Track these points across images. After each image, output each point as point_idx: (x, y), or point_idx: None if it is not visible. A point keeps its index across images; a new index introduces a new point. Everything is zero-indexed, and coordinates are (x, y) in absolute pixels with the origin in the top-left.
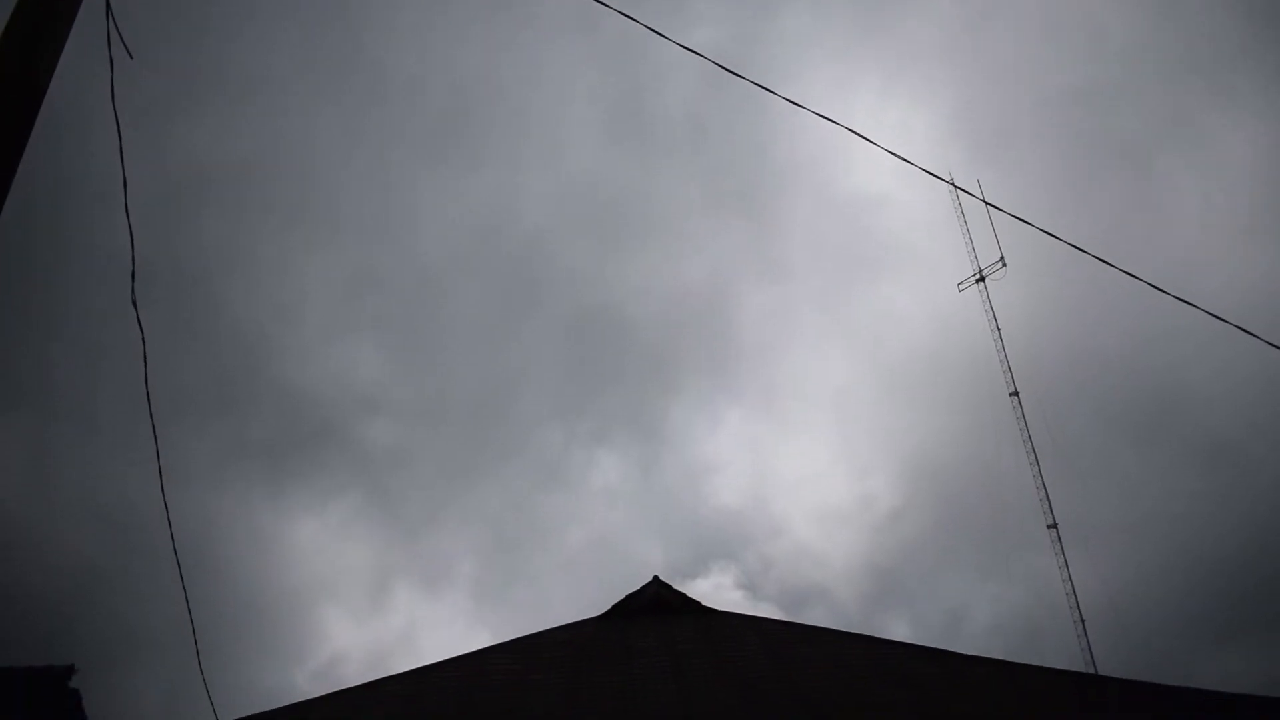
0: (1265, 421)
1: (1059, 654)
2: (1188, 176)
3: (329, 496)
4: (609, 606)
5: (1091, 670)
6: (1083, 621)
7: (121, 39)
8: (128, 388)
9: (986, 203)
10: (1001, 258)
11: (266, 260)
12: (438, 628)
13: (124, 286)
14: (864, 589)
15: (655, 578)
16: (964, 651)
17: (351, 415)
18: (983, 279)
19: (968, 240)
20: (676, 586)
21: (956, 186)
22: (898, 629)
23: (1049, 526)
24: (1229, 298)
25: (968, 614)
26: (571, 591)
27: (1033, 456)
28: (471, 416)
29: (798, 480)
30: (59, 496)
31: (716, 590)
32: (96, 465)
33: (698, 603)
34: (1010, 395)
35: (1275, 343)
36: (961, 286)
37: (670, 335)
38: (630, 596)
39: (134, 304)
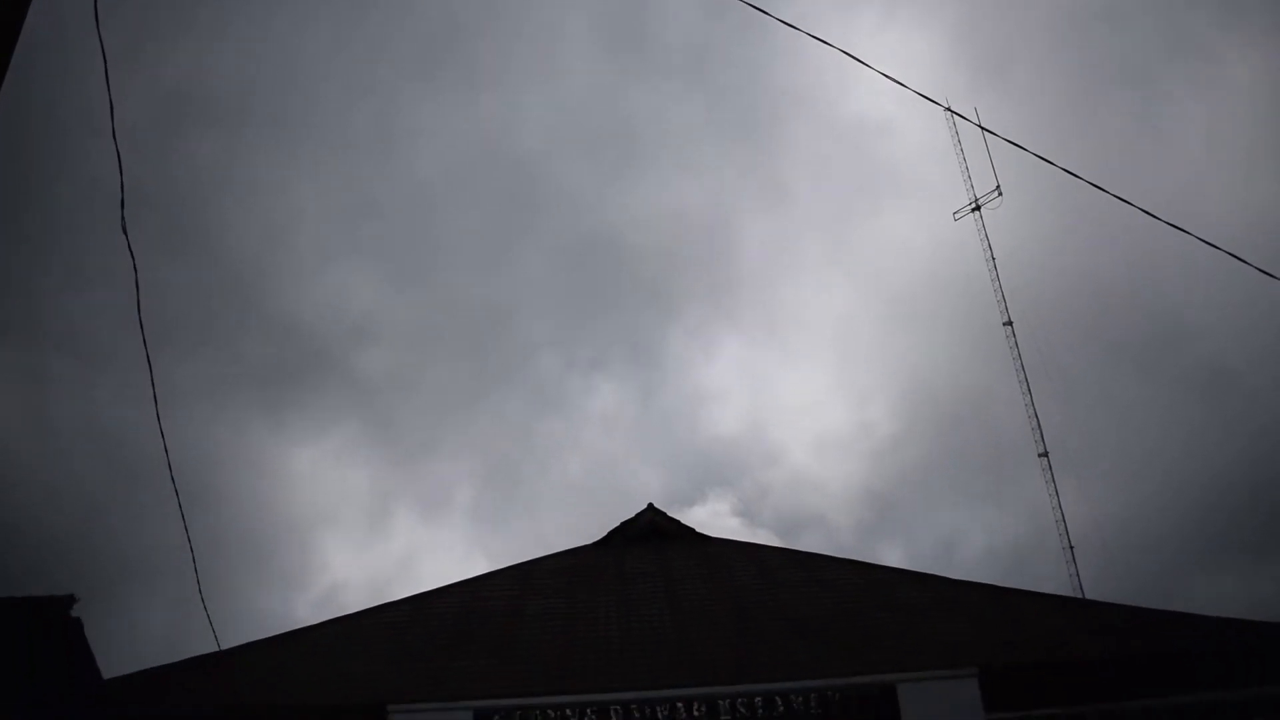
0: (1263, 351)
1: (1051, 581)
2: (1192, 101)
3: (326, 424)
4: (605, 533)
5: (1079, 595)
6: (1071, 548)
7: None
8: (120, 314)
9: (982, 128)
10: (997, 186)
11: (259, 184)
12: (436, 555)
13: (114, 213)
14: (860, 516)
15: (650, 505)
16: (955, 577)
17: (347, 342)
18: (978, 208)
19: (964, 168)
20: (674, 514)
21: (952, 111)
22: (891, 555)
23: (1040, 455)
24: (1230, 227)
25: (961, 541)
26: (569, 518)
27: (1025, 386)
28: (469, 343)
29: (796, 408)
30: (54, 425)
31: (713, 518)
32: (91, 393)
33: (692, 529)
34: (1004, 325)
35: (1275, 273)
36: (957, 215)
37: (669, 262)
38: (625, 523)
39: (124, 230)
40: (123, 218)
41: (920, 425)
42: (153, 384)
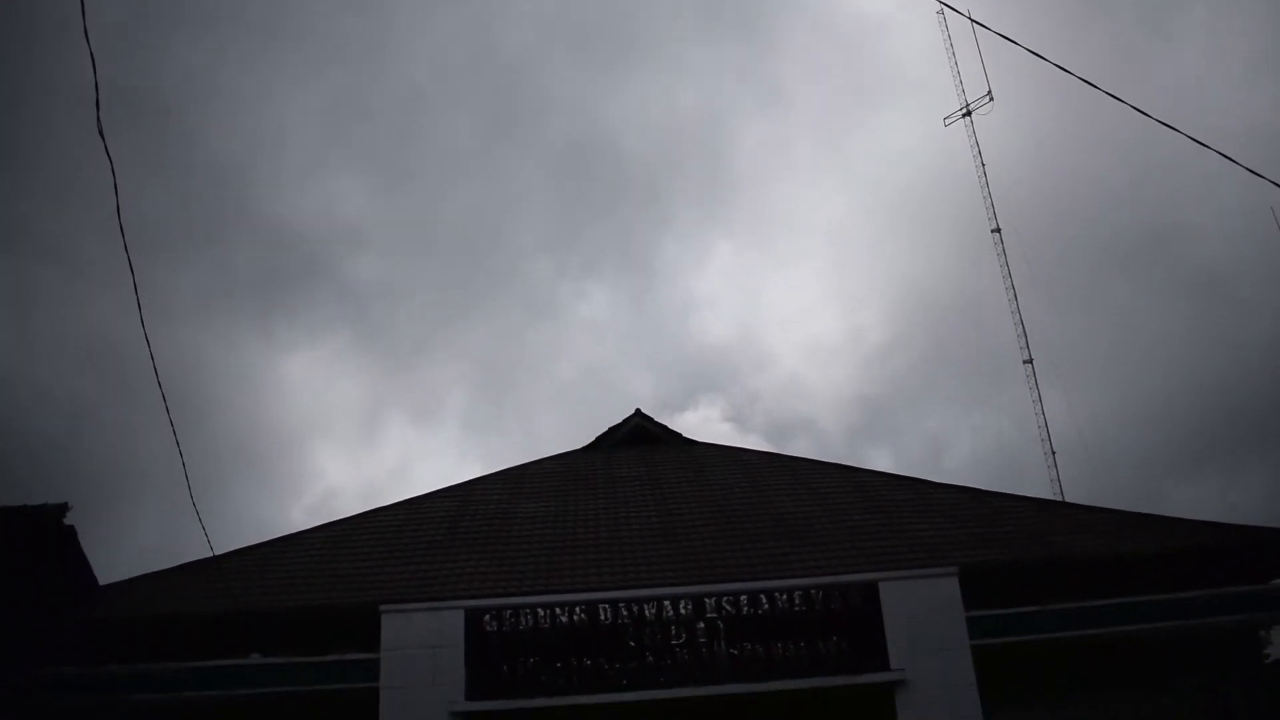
0: (1259, 258)
1: (1035, 485)
2: (1193, 3)
3: (317, 332)
4: (594, 438)
5: (1060, 499)
6: (1053, 453)
7: None
8: (103, 222)
9: (974, 21)
10: (989, 92)
11: (245, 88)
12: (429, 461)
13: (91, 116)
14: (849, 422)
15: (637, 410)
16: (940, 481)
17: (337, 249)
18: (969, 113)
19: (955, 72)
20: (664, 420)
21: (945, 3)
22: (880, 460)
23: (1025, 361)
24: (1230, 131)
25: (949, 446)
26: (560, 423)
27: (1012, 293)
28: (459, 248)
29: (787, 313)
30: (40, 335)
31: (704, 423)
32: (77, 302)
33: (678, 434)
34: (993, 232)
35: (1267, 176)
36: (947, 121)
37: (662, 167)
38: (613, 428)
39: (100, 133)
40: (98, 119)
41: (911, 332)
42: (135, 289)
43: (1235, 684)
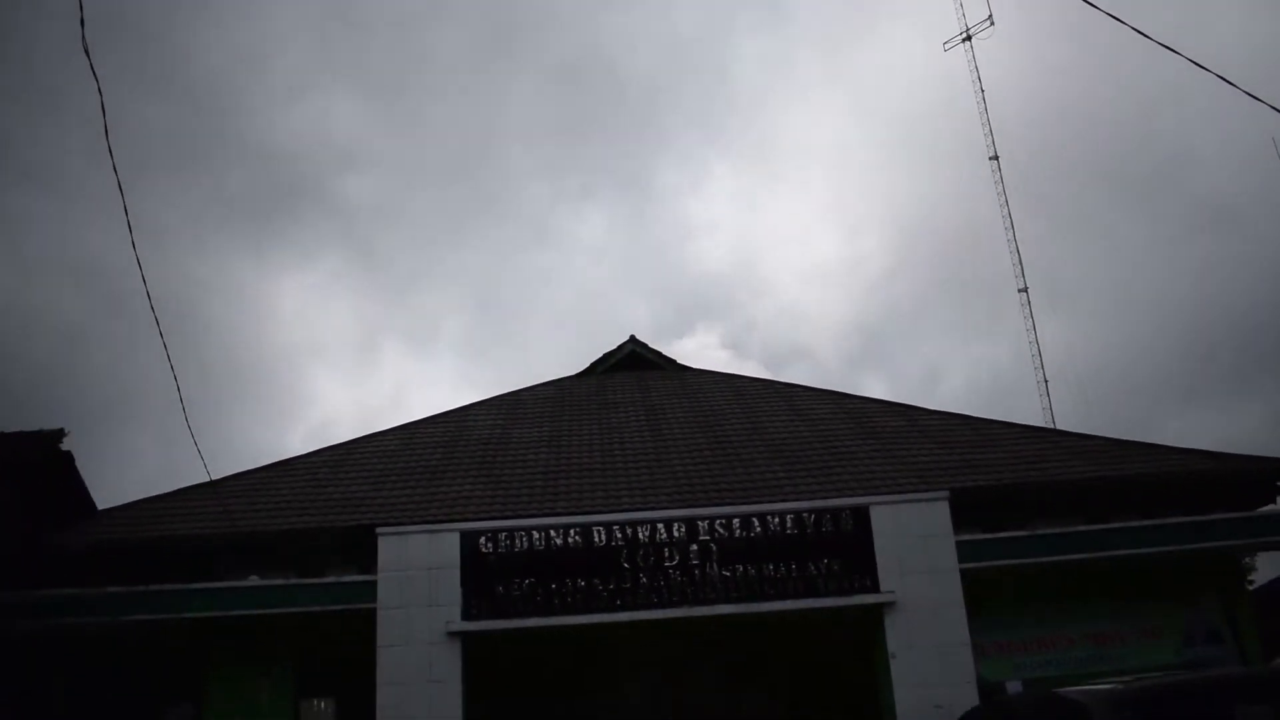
0: (1264, 188)
1: (1031, 414)
2: None
3: (310, 255)
4: (588, 364)
5: (1051, 426)
6: (1046, 381)
7: None
8: (92, 144)
9: None
10: (989, 16)
11: (233, 3)
12: (425, 387)
13: (76, 32)
14: (847, 349)
15: (632, 336)
16: (935, 408)
17: (329, 169)
18: (969, 38)
19: None
20: (660, 346)
21: None
22: (876, 388)
23: (1020, 290)
24: (1233, 59)
25: (944, 374)
26: (556, 349)
27: (1008, 221)
28: (454, 170)
29: (786, 240)
30: (32, 259)
31: (701, 350)
32: (68, 226)
33: (672, 360)
34: (990, 159)
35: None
36: (947, 46)
37: (661, 87)
38: (607, 354)
39: (86, 52)
40: (83, 38)
41: (910, 259)
42: (125, 211)
43: (1220, 608)
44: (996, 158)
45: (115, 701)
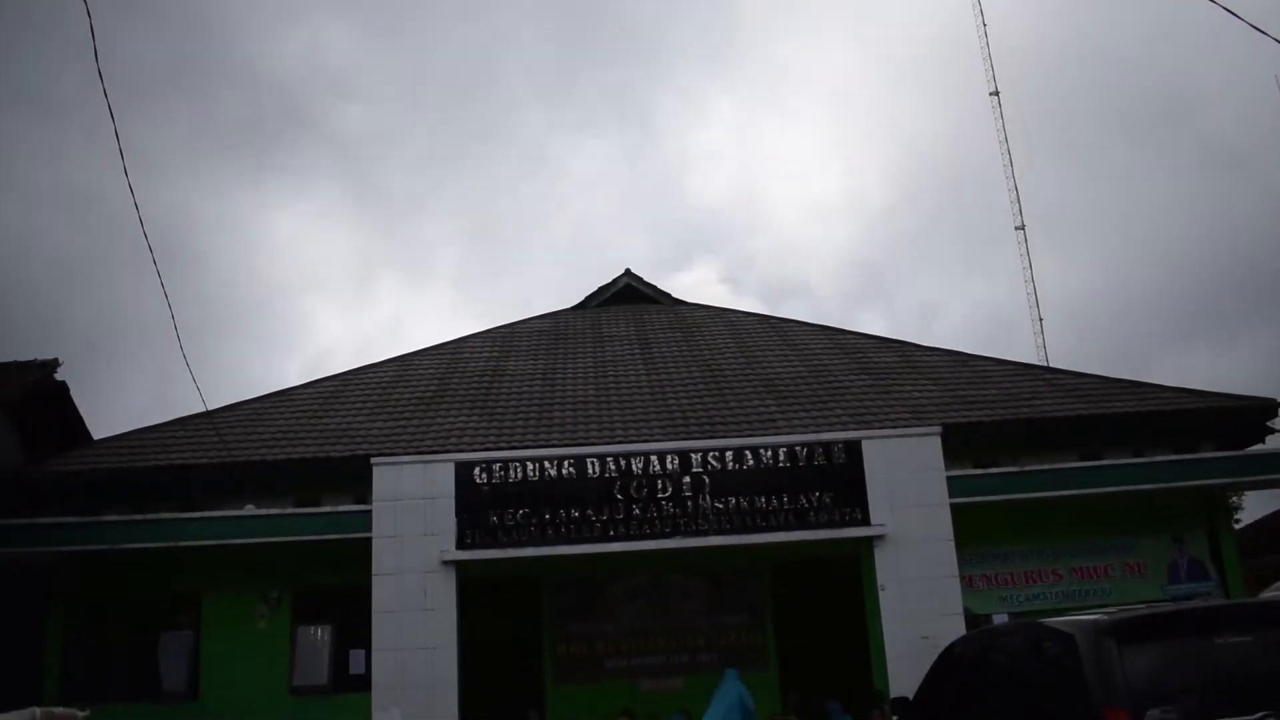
0: (1270, 126)
1: (1026, 352)
2: None
3: (306, 184)
4: (583, 298)
5: (1045, 364)
6: (1040, 319)
7: None
8: (83, 70)
9: None
10: None
11: None
12: (421, 319)
13: None
14: (845, 285)
15: (627, 270)
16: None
17: (325, 97)
18: None
19: None
20: (658, 280)
21: None
22: (873, 324)
23: (1017, 228)
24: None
25: (941, 311)
26: (553, 281)
27: (1008, 158)
28: (451, 99)
29: (787, 174)
30: (23, 187)
31: (699, 284)
32: (60, 154)
33: (667, 294)
34: (991, 94)
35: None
36: None
37: (664, 16)
38: (602, 288)
39: None
40: None
41: (911, 195)
42: (116, 137)
43: (1206, 546)
44: (997, 93)
45: (112, 630)
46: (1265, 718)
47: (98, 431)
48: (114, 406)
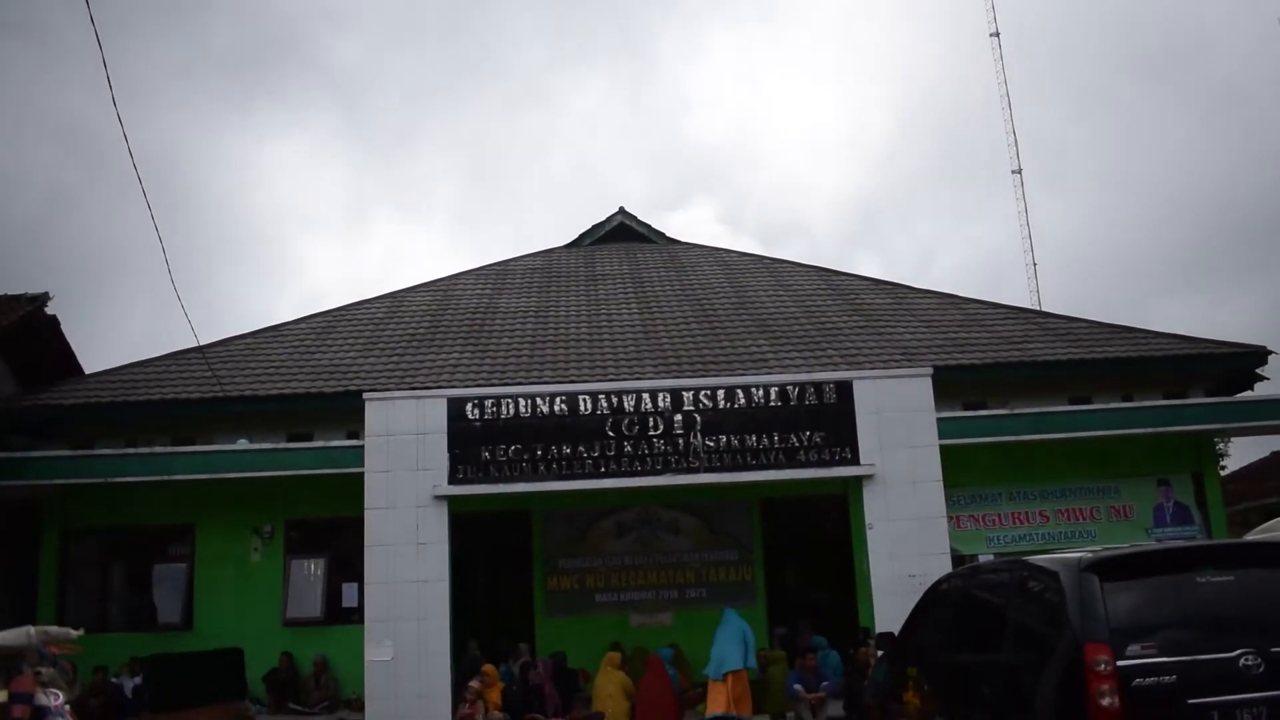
0: (1277, 68)
1: (1023, 296)
2: None
3: (300, 116)
4: (576, 236)
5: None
6: (1035, 264)
7: None
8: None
9: None
10: None
11: None
12: (414, 255)
13: None
14: (843, 226)
15: (621, 208)
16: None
17: (319, 28)
18: None
19: None
20: (656, 218)
21: None
22: (870, 265)
23: (1014, 172)
24: None
25: (939, 254)
26: (548, 219)
27: (1006, 100)
28: (447, 31)
29: (787, 113)
30: (11, 119)
31: (696, 223)
32: (47, 82)
33: (661, 233)
34: (991, 36)
35: None
36: None
37: None
38: (595, 226)
39: None
40: None
41: (911, 137)
42: (104, 65)
43: (1191, 491)
44: (997, 34)
45: (107, 561)
46: (1245, 654)
47: (90, 366)
48: (106, 341)
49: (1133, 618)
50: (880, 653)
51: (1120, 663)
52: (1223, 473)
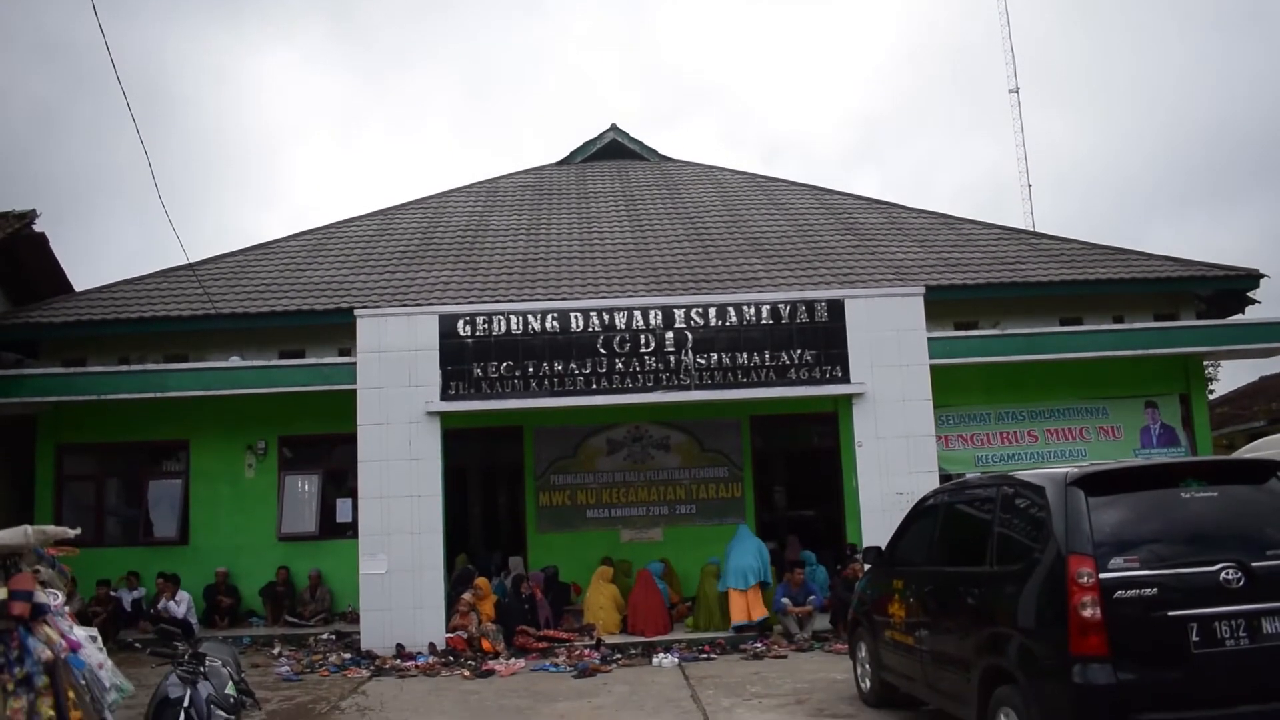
0: None
1: (1020, 216)
2: None
3: (291, 26)
4: (568, 153)
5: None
6: (1030, 185)
7: None
8: None
9: None
10: None
11: None
12: (406, 173)
13: None
14: (843, 143)
15: (613, 125)
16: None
17: None
18: None
19: None
20: (655, 134)
21: None
22: (869, 183)
23: (1010, 91)
24: None
25: (939, 173)
26: (542, 136)
27: (1005, 16)
28: None
29: (789, 26)
30: None
31: (694, 139)
32: None
33: (654, 150)
34: None
35: None
36: None
37: None
38: (586, 143)
39: None
40: None
41: (915, 53)
42: None
43: (1178, 413)
44: None
45: (103, 476)
46: (1226, 568)
47: (81, 284)
48: (97, 259)
49: (1117, 531)
50: (868, 567)
51: (1103, 575)
52: (1211, 396)
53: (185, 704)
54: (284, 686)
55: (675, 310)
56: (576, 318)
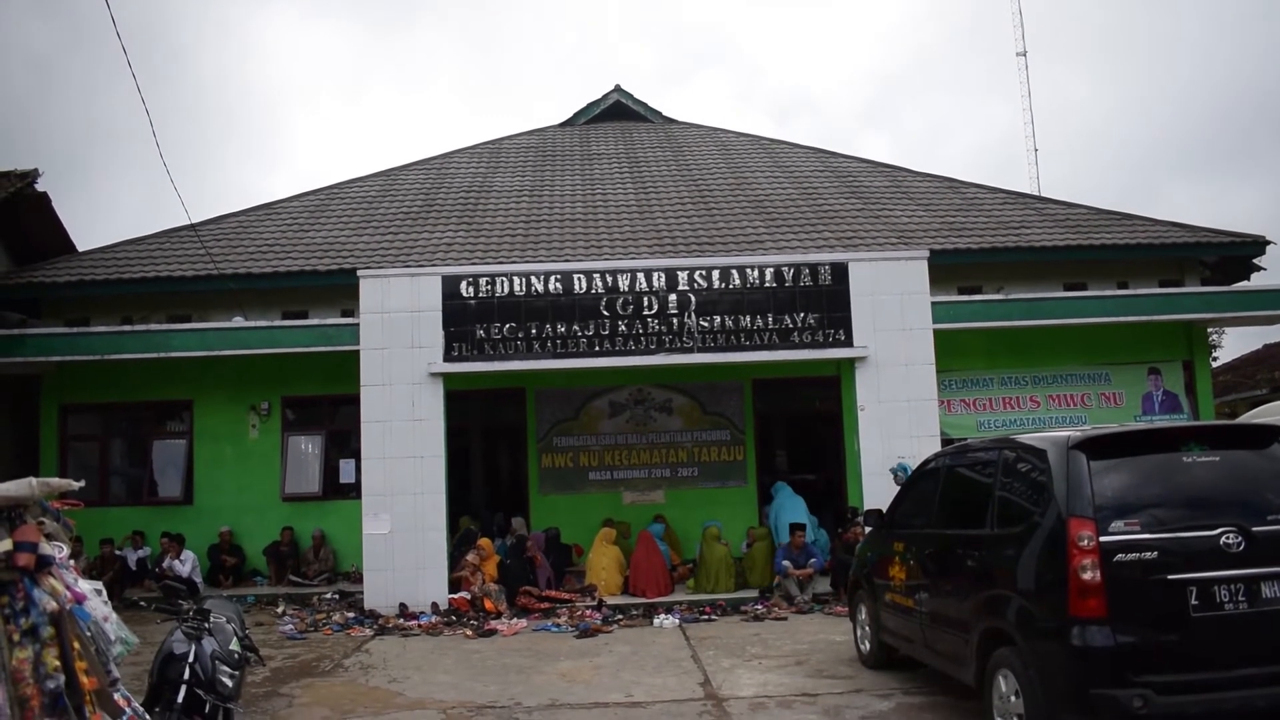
0: None
1: (1029, 181)
2: None
3: None
4: (571, 114)
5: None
6: (1036, 150)
7: None
8: None
9: None
10: None
11: None
12: (412, 132)
13: None
14: (854, 103)
15: (617, 86)
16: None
17: None
18: None
19: None
20: (663, 93)
21: None
22: (878, 144)
23: (1018, 54)
24: None
25: (950, 135)
26: (550, 95)
27: None
28: None
29: None
30: None
31: (704, 98)
32: None
33: (658, 111)
34: None
35: None
36: None
37: None
38: (590, 105)
39: None
40: None
41: (929, 13)
42: None
43: (1182, 379)
44: None
45: (107, 435)
46: (1226, 532)
47: (83, 244)
48: (100, 219)
49: (1118, 495)
50: (869, 529)
51: (1103, 538)
52: (1215, 364)
53: (190, 659)
54: (288, 644)
55: (678, 273)
56: (579, 279)
